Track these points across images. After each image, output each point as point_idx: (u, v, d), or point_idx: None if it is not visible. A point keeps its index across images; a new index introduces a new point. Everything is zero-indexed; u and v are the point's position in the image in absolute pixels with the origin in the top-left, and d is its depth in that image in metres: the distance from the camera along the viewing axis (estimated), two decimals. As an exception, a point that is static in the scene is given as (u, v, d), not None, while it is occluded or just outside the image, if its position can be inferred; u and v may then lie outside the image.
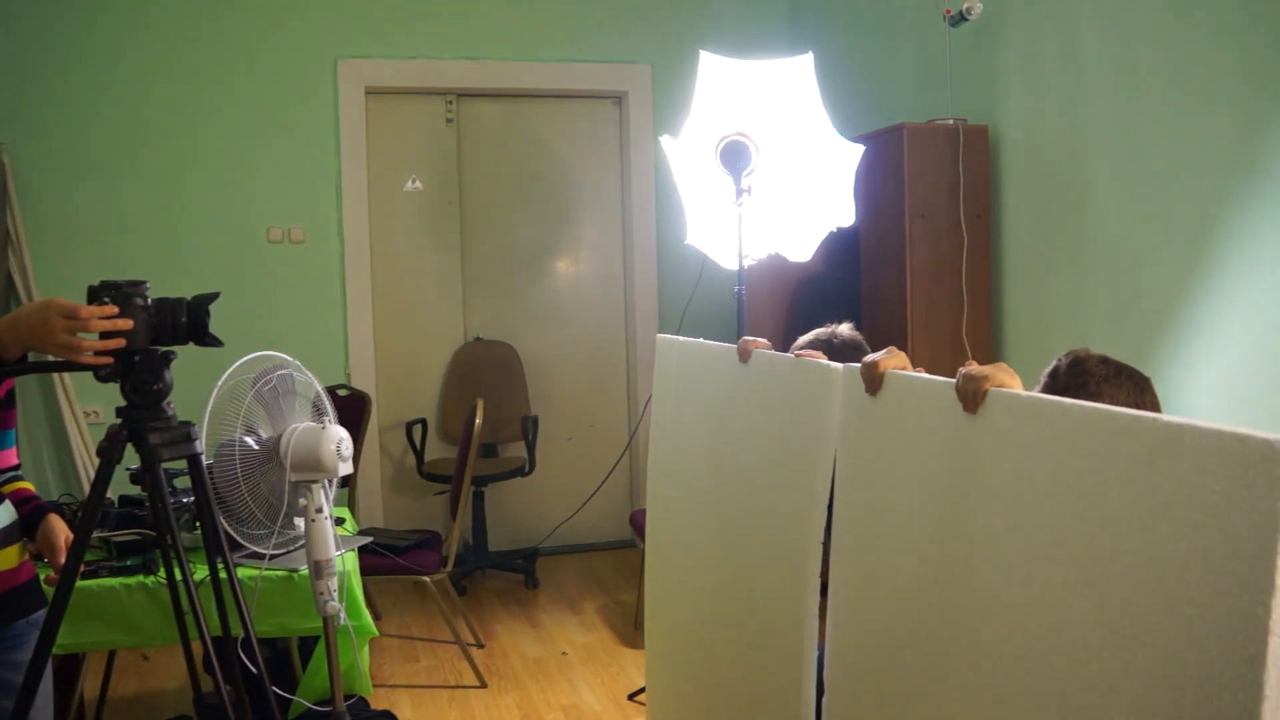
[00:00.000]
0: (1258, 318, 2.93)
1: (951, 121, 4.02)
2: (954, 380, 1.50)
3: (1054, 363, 2.01)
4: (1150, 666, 1.11)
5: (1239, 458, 1.00)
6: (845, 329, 2.70)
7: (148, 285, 1.87)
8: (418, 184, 5.40)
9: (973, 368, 1.48)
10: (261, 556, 2.79)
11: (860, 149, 3.56)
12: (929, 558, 1.55)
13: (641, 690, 3.71)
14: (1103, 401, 1.71)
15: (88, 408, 4.79)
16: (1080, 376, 1.92)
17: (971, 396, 1.45)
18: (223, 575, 2.11)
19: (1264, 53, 2.89)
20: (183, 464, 2.00)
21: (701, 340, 2.54)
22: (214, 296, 1.93)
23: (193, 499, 2.80)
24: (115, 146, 4.88)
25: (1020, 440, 1.35)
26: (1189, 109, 3.14)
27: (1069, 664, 1.24)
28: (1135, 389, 1.92)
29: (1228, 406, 3.02)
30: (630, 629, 4.40)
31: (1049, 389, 1.93)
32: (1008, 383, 1.44)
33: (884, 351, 1.76)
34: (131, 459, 1.96)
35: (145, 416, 1.88)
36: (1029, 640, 1.32)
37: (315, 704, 3.05)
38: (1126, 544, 1.15)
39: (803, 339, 2.64)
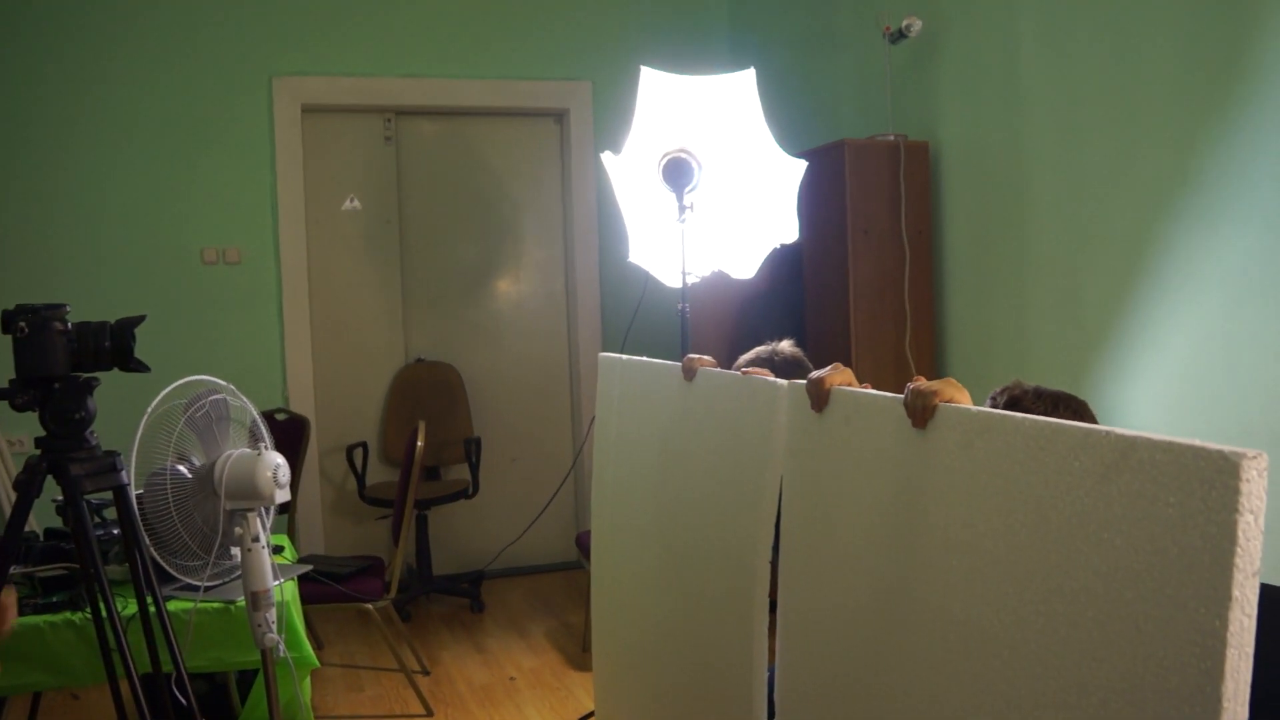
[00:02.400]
0: (1194, 328, 2.96)
1: (892, 137, 4.04)
2: (902, 396, 1.48)
3: (988, 401, 1.99)
4: (1107, 681, 1.09)
5: (1194, 470, 0.98)
6: (786, 346, 2.69)
7: (68, 308, 1.80)
8: (356, 203, 5.33)
9: (921, 383, 1.46)
10: (196, 588, 2.71)
11: (803, 165, 3.55)
12: (879, 574, 1.53)
13: (590, 714, 3.65)
14: None
15: (11, 436, 4.64)
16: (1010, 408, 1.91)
17: (920, 412, 1.43)
18: (152, 610, 2.04)
19: (1198, 70, 2.93)
20: (109, 495, 1.92)
21: (645, 359, 2.51)
22: (139, 319, 1.87)
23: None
24: (40, 163, 4.76)
25: (971, 456, 1.33)
26: (1125, 125, 3.18)
27: (1025, 679, 1.22)
28: (1074, 417, 1.91)
29: (1167, 417, 3.05)
30: (578, 651, 4.35)
31: None
32: (957, 398, 1.42)
33: (830, 367, 1.74)
34: (56, 489, 1.88)
35: (66, 447, 1.81)
36: (984, 658, 1.30)
37: (254, 738, 2.97)
38: (1081, 559, 1.13)
39: (744, 357, 2.62)
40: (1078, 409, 1.94)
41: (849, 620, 1.62)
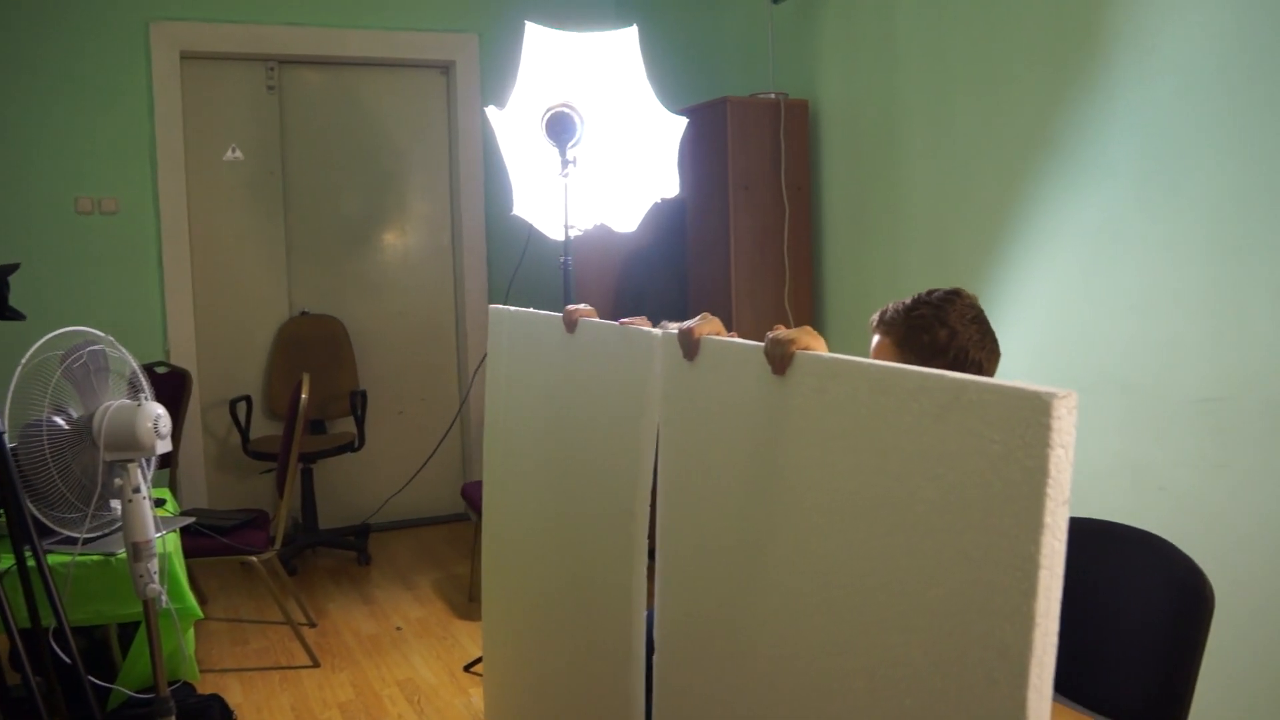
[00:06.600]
0: (1054, 283, 3.12)
1: (773, 95, 4.12)
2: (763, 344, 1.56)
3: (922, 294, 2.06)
4: (942, 604, 1.19)
5: (1014, 409, 1.08)
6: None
7: (-61, 258, 1.78)
8: (238, 153, 5.23)
9: (780, 331, 1.54)
10: (74, 541, 2.69)
11: (684, 121, 3.62)
12: (745, 515, 1.62)
13: (477, 661, 3.72)
14: (953, 329, 1.86)
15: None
16: (947, 301, 2.00)
17: (779, 360, 1.51)
18: (31, 564, 2.03)
19: (1059, 37, 3.06)
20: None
21: (532, 310, 2.56)
22: (14, 267, 1.85)
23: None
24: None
25: (824, 400, 1.41)
26: (993, 87, 3.31)
27: (872, 607, 1.32)
28: (979, 338, 2.00)
29: (1030, 367, 3.20)
30: (464, 601, 4.41)
31: (917, 303, 2.01)
32: (813, 345, 1.50)
33: (699, 318, 1.81)
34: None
35: (-61, 396, 1.79)
36: (837, 588, 1.39)
37: (137, 692, 2.96)
38: (920, 493, 1.22)
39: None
40: (989, 346, 2.04)
41: (719, 560, 1.70)
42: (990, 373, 1.99)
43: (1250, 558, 2.57)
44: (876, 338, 2.03)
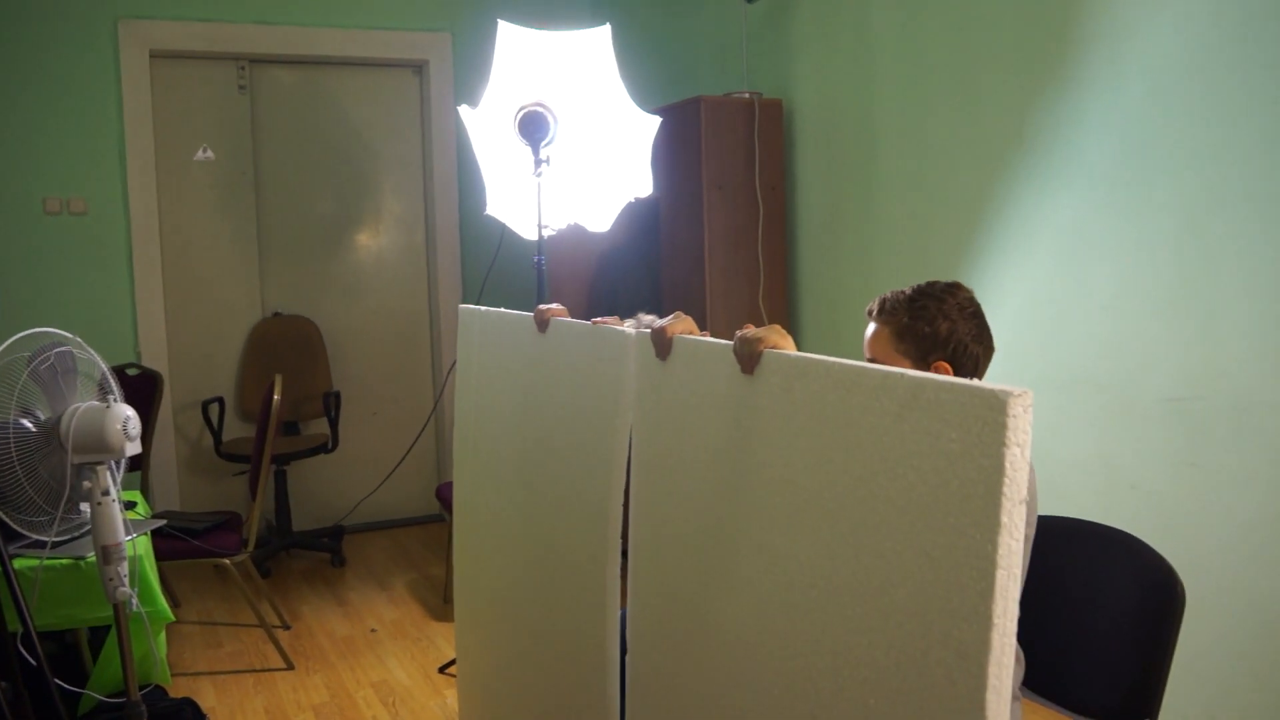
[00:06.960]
0: (1027, 282, 3.14)
1: (747, 95, 4.12)
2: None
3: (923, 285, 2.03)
4: (904, 605, 1.19)
5: (971, 409, 1.08)
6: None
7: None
8: (209, 153, 5.19)
9: (749, 330, 1.54)
10: (42, 545, 2.66)
11: (657, 120, 3.61)
12: (716, 515, 1.62)
13: (452, 662, 3.71)
14: (953, 322, 1.83)
15: None
16: (948, 292, 1.97)
17: (747, 358, 1.52)
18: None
19: (1032, 39, 3.08)
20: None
21: (503, 310, 2.55)
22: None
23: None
24: None
25: (790, 399, 1.41)
26: (967, 88, 3.33)
27: (836, 607, 1.32)
28: (977, 332, 1.96)
29: (1003, 366, 3.21)
30: (439, 602, 4.39)
31: (918, 293, 1.98)
32: (781, 344, 1.50)
33: (671, 316, 1.81)
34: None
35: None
36: (803, 589, 1.39)
37: (108, 696, 2.94)
38: (881, 492, 1.22)
39: None
40: (983, 339, 1.99)
41: (690, 561, 1.70)
42: (985, 368, 1.99)
43: (1220, 555, 2.59)
44: (873, 327, 2.00)
